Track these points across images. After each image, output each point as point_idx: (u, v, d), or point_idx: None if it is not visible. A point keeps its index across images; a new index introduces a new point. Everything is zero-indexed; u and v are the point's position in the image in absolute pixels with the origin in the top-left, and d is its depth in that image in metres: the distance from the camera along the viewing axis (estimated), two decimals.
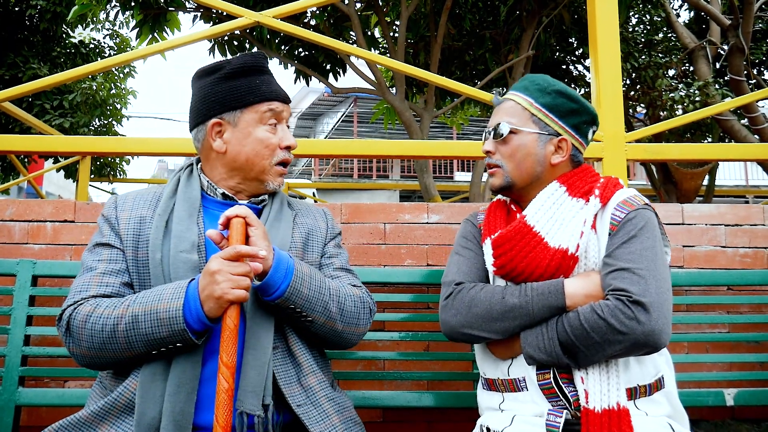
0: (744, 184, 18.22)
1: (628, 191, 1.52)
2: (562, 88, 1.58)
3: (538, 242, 1.47)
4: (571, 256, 1.45)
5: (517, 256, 1.48)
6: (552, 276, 1.46)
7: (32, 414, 2.34)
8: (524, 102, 1.58)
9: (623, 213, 1.46)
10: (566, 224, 1.48)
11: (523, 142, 1.56)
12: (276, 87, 1.59)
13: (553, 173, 1.58)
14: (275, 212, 1.61)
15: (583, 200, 1.50)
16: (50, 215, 2.48)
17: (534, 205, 1.53)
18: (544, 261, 1.46)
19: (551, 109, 1.56)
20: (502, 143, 1.58)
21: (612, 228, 1.46)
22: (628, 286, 1.34)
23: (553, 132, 1.56)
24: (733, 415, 2.58)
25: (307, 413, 1.42)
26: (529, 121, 1.56)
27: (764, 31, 7.42)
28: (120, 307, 1.36)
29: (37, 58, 7.60)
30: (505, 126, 1.57)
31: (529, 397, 1.46)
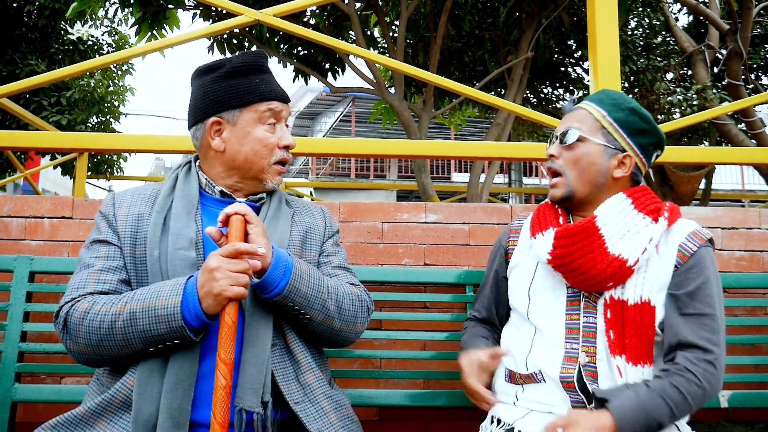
0: (740, 188, 18.26)
1: (691, 222, 1.55)
2: (636, 107, 1.59)
3: (600, 245, 1.48)
4: (628, 268, 1.45)
5: (576, 252, 1.49)
6: (605, 281, 1.47)
7: (28, 410, 2.33)
8: (597, 113, 1.59)
9: (695, 246, 1.49)
10: (630, 236, 1.48)
11: (588, 151, 1.56)
12: (276, 86, 1.59)
13: (613, 188, 1.58)
14: (274, 210, 1.61)
15: (650, 218, 1.50)
16: (48, 211, 2.48)
17: (603, 208, 1.53)
18: (601, 264, 1.46)
19: (622, 124, 1.56)
20: (567, 149, 1.59)
21: (682, 257, 1.48)
22: (709, 346, 1.40)
23: (620, 147, 1.56)
24: (728, 416, 2.59)
25: (305, 410, 1.42)
26: (598, 132, 1.57)
27: (762, 36, 7.44)
28: (118, 304, 1.36)
29: (35, 55, 7.57)
30: (574, 132, 1.58)
31: (549, 389, 1.51)
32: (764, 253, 2.63)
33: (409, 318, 2.32)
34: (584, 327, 1.51)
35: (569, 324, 1.53)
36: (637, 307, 1.45)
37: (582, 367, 1.47)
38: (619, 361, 1.43)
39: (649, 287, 1.46)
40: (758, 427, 2.53)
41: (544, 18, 6.34)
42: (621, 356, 1.43)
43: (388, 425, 2.47)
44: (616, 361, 1.43)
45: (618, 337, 1.45)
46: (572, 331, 1.52)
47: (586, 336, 1.50)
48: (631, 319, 1.44)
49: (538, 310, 1.59)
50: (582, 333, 1.51)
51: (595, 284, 1.48)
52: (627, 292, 1.47)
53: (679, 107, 5.71)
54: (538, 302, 1.59)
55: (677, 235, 1.50)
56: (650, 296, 1.45)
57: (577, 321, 1.52)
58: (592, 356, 1.48)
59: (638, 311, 1.44)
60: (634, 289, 1.46)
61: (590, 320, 1.51)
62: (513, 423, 1.51)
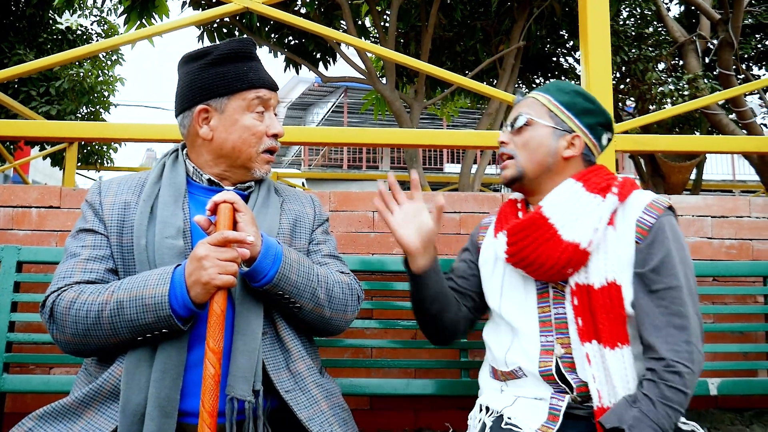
0: (731, 179, 18.35)
1: (648, 193, 1.53)
2: (580, 89, 1.63)
3: (552, 234, 1.49)
4: (582, 251, 1.45)
5: (529, 246, 1.51)
6: (563, 268, 1.47)
7: (17, 400, 2.32)
8: (543, 99, 1.63)
9: (653, 217, 1.46)
10: (582, 219, 1.48)
11: (537, 134, 1.59)
12: (264, 74, 1.57)
13: (565, 169, 1.59)
14: (262, 198, 1.60)
15: (600, 196, 1.50)
16: (35, 201, 2.46)
17: (550, 197, 1.54)
18: (555, 253, 1.46)
19: (568, 106, 1.60)
20: (517, 134, 1.62)
21: (641, 232, 1.45)
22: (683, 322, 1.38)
23: (568, 128, 1.59)
24: (717, 404, 2.61)
25: (296, 399, 1.42)
26: (545, 115, 1.60)
27: (754, 26, 7.45)
28: (105, 293, 1.35)
29: (23, 44, 7.48)
30: (523, 118, 1.61)
31: (530, 383, 1.51)
32: (754, 242, 2.65)
33: (400, 307, 2.32)
34: (556, 318, 1.51)
35: (542, 317, 1.53)
36: (604, 289, 1.44)
37: (559, 358, 1.48)
38: (590, 348, 1.42)
39: (613, 267, 1.45)
40: (747, 414, 2.55)
41: (536, 8, 6.33)
42: (592, 342, 1.42)
43: (379, 414, 2.48)
44: (585, 348, 1.43)
45: (587, 323, 1.44)
46: (545, 323, 1.53)
47: (558, 327, 1.50)
48: (600, 302, 1.43)
49: (511, 306, 1.59)
50: (554, 324, 1.51)
51: (555, 273, 1.48)
52: (591, 276, 1.46)
53: (671, 97, 5.72)
54: (510, 299, 1.60)
55: (633, 209, 1.48)
56: (615, 276, 1.44)
57: (548, 313, 1.53)
58: (567, 347, 1.48)
59: (606, 294, 1.43)
60: (597, 271, 1.46)
61: (560, 311, 1.51)
62: (501, 410, 1.51)
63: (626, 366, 1.40)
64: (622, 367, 1.40)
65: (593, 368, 1.41)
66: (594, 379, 1.41)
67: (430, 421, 2.50)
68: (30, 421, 1.37)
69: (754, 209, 2.68)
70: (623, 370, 1.40)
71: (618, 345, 1.41)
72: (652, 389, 1.34)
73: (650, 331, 1.39)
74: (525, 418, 1.45)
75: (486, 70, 6.90)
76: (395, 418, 2.49)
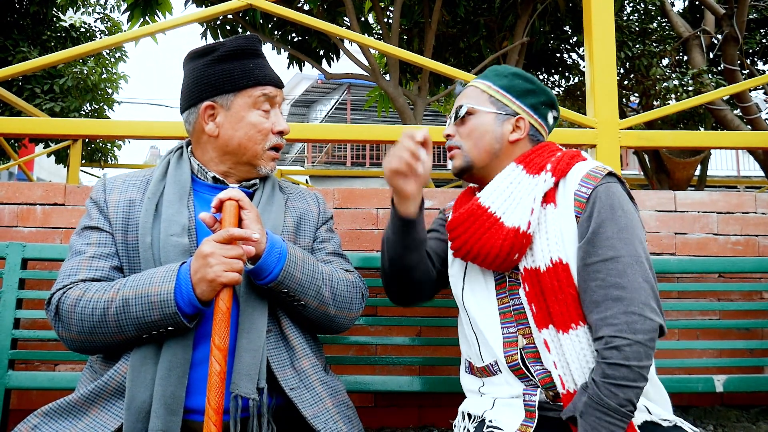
0: (736, 175, 18.29)
1: (589, 163, 1.47)
2: (518, 71, 1.62)
3: (494, 223, 1.47)
4: (523, 234, 1.42)
5: (471, 238, 1.49)
6: (508, 255, 1.43)
7: (22, 397, 2.33)
8: (483, 86, 1.62)
9: (589, 188, 1.41)
10: (521, 203, 1.46)
11: (480, 121, 1.58)
12: (270, 71, 1.58)
13: (512, 153, 1.57)
14: (267, 196, 1.60)
15: (531, 173, 1.49)
16: (40, 198, 2.46)
17: (490, 186, 1.53)
18: (498, 241, 1.44)
19: (508, 89, 1.59)
20: (461, 124, 1.62)
21: (579, 206, 1.41)
22: (621, 293, 1.31)
23: (511, 112, 1.58)
24: (723, 401, 2.60)
25: (300, 396, 1.42)
26: (487, 102, 1.59)
27: (758, 21, 7.41)
28: (110, 291, 1.35)
29: (27, 42, 7.49)
30: (464, 108, 1.60)
31: (503, 380, 1.47)
32: (760, 238, 2.63)
33: None
34: (514, 309, 1.48)
35: (501, 308, 1.50)
36: (550, 270, 1.39)
37: (522, 350, 1.44)
38: (547, 334, 1.39)
39: (556, 246, 1.41)
40: (753, 411, 2.55)
41: (540, 3, 6.30)
42: (549, 327, 1.39)
43: (383, 411, 2.47)
44: (543, 335, 1.39)
45: (541, 308, 1.40)
46: (506, 314, 1.49)
47: (518, 318, 1.47)
48: (548, 285, 1.39)
49: (473, 299, 1.56)
50: (514, 315, 1.48)
51: (501, 261, 1.45)
52: (537, 259, 1.42)
53: (675, 93, 5.69)
54: (471, 291, 1.57)
55: (572, 182, 1.44)
56: (560, 255, 1.40)
57: (507, 303, 1.50)
58: (529, 336, 1.44)
59: (553, 275, 1.39)
60: (541, 252, 1.42)
61: (517, 301, 1.48)
62: (483, 414, 1.47)
63: (583, 348, 1.35)
64: (578, 349, 1.35)
65: (552, 355, 1.38)
66: (555, 366, 1.38)
67: (434, 418, 2.50)
68: (35, 417, 1.37)
69: (760, 205, 2.66)
70: (580, 351, 1.35)
71: (572, 327, 1.36)
72: (596, 371, 1.29)
73: (590, 308, 1.34)
74: (505, 420, 1.41)
75: (490, 66, 6.87)
76: (400, 415, 2.49)
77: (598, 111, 2.82)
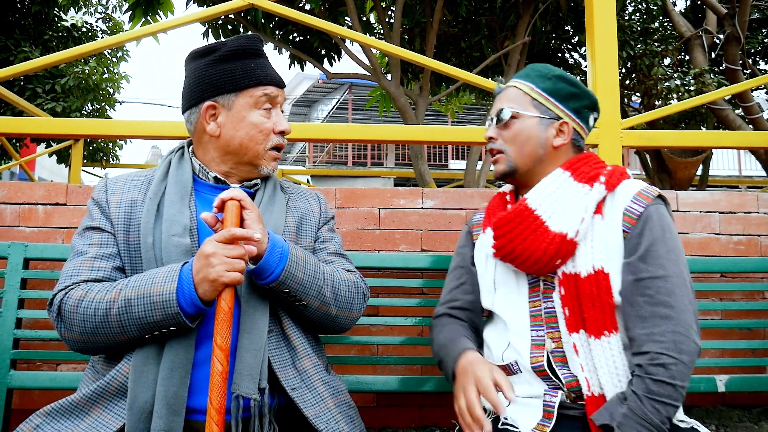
0: (737, 174, 18.27)
1: (638, 182, 1.50)
2: (562, 73, 1.59)
3: (539, 225, 1.46)
4: (570, 241, 1.43)
5: (516, 238, 1.48)
6: (551, 259, 1.44)
7: (24, 397, 2.33)
8: (525, 88, 1.58)
9: (641, 206, 1.44)
10: (569, 209, 1.46)
11: (524, 126, 1.56)
12: (271, 71, 1.57)
13: (556, 157, 1.57)
14: (269, 196, 1.60)
15: (588, 186, 1.48)
16: (42, 198, 2.46)
17: (537, 188, 1.52)
18: (543, 244, 1.44)
19: (552, 93, 1.56)
20: (504, 128, 1.59)
21: (629, 221, 1.44)
22: (669, 312, 1.33)
23: (554, 116, 1.56)
24: (725, 401, 2.60)
25: (302, 396, 1.42)
26: (530, 105, 1.57)
27: (760, 21, 7.40)
28: (112, 291, 1.35)
29: (29, 42, 7.49)
30: (507, 111, 1.57)
31: (524, 379, 1.48)
32: (762, 238, 2.63)
33: (406, 304, 2.32)
34: (546, 312, 1.49)
35: (532, 311, 1.51)
36: (591, 277, 1.41)
37: (550, 353, 1.45)
38: (577, 338, 1.40)
39: (600, 255, 1.43)
40: (755, 411, 2.54)
41: (541, 3, 6.29)
42: (579, 332, 1.40)
43: (385, 411, 2.47)
44: (573, 338, 1.41)
45: (574, 312, 1.42)
46: (536, 318, 1.50)
47: (549, 321, 1.48)
48: (586, 291, 1.41)
49: (503, 302, 1.57)
50: (545, 319, 1.49)
51: (543, 265, 1.45)
52: (578, 265, 1.44)
53: (677, 92, 5.68)
54: (502, 295, 1.58)
55: (622, 197, 1.46)
56: (603, 264, 1.42)
57: (539, 307, 1.50)
58: (558, 340, 1.45)
59: (593, 281, 1.41)
60: (584, 259, 1.43)
61: (550, 304, 1.49)
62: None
63: (613, 355, 1.37)
64: (609, 356, 1.37)
65: (581, 358, 1.39)
66: (582, 369, 1.39)
67: (436, 418, 2.50)
68: (37, 417, 1.37)
69: (762, 205, 2.66)
70: (610, 359, 1.37)
71: (605, 334, 1.38)
72: (638, 385, 1.30)
73: (635, 322, 1.36)
74: (521, 418, 1.43)
75: (491, 66, 6.87)
76: (401, 414, 2.49)
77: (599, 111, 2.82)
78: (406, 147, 16.78)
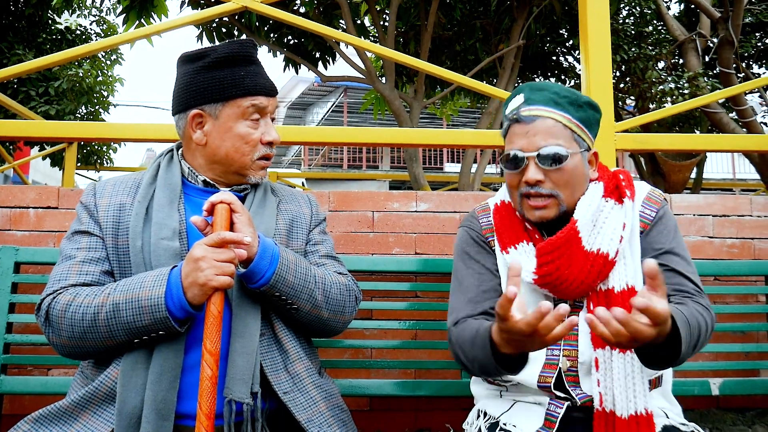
0: (731, 177, 18.34)
1: (643, 185, 1.52)
2: (589, 99, 1.49)
3: (577, 246, 1.40)
4: (611, 262, 1.40)
5: (562, 266, 1.40)
6: (594, 282, 1.39)
7: (15, 402, 2.31)
8: (563, 119, 1.43)
9: (653, 211, 1.48)
10: (604, 228, 1.42)
11: (575, 165, 1.43)
12: (261, 80, 1.53)
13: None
14: (259, 199, 1.59)
15: (613, 200, 1.45)
16: (33, 201, 2.45)
17: (582, 209, 1.43)
18: (586, 267, 1.39)
19: (585, 122, 1.46)
20: (555, 171, 1.41)
21: (643, 226, 1.46)
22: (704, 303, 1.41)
23: (586, 146, 1.47)
24: (718, 404, 2.59)
25: (294, 400, 1.41)
26: (572, 140, 1.43)
27: (754, 24, 7.44)
28: (101, 296, 1.34)
29: (22, 44, 7.46)
30: (560, 150, 1.40)
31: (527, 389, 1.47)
32: (756, 241, 2.63)
33: (399, 308, 2.31)
34: None
35: None
36: (624, 293, 1.38)
37: (564, 372, 1.42)
38: (601, 354, 1.37)
39: (632, 273, 1.41)
40: (749, 414, 2.54)
41: (536, 6, 6.31)
42: (605, 348, 1.37)
43: (378, 415, 2.46)
44: (596, 354, 1.38)
45: None
46: None
47: (567, 340, 1.43)
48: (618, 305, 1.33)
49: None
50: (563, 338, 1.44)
51: (586, 288, 1.40)
52: (612, 281, 1.41)
53: (671, 96, 5.70)
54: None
55: (636, 204, 1.48)
56: (635, 282, 1.40)
57: None
58: (574, 359, 1.42)
59: (626, 296, 1.37)
60: (618, 276, 1.40)
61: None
62: (498, 417, 1.47)
63: (633, 371, 1.35)
64: (629, 371, 1.35)
65: (600, 373, 1.37)
66: (598, 384, 1.37)
67: (430, 422, 2.49)
68: (26, 424, 1.36)
69: (756, 208, 2.66)
70: (630, 374, 1.35)
71: (631, 350, 1.34)
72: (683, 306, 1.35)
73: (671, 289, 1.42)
74: (521, 423, 1.41)
75: (486, 69, 6.88)
76: (395, 419, 2.47)
77: None
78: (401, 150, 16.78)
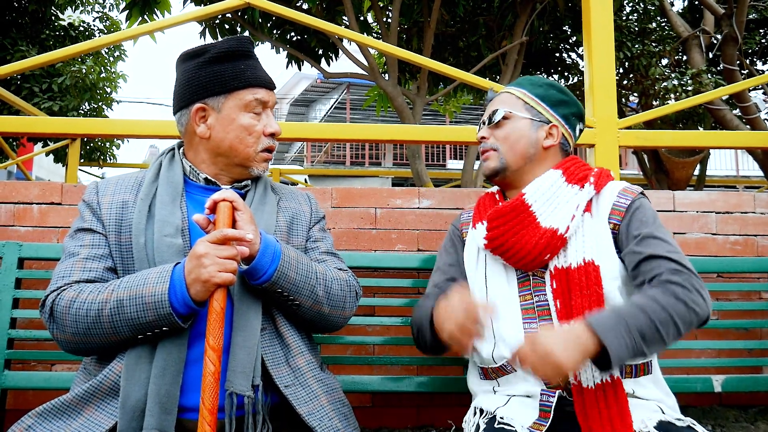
0: (735, 174, 18.29)
1: (621, 182, 1.60)
2: (553, 82, 1.69)
3: (531, 221, 1.53)
4: (560, 237, 1.50)
5: (509, 232, 1.54)
6: (540, 254, 1.50)
7: (18, 397, 2.32)
8: (518, 93, 1.68)
9: (627, 200, 1.53)
10: (561, 207, 1.53)
11: (516, 126, 1.64)
12: (261, 73, 1.57)
13: (545, 159, 1.64)
14: (259, 197, 1.61)
15: (578, 186, 1.56)
16: (37, 197, 2.45)
17: (533, 186, 1.58)
18: (533, 239, 1.50)
19: (543, 98, 1.65)
20: (496, 128, 1.67)
21: (618, 214, 1.52)
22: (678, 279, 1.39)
23: (545, 119, 1.65)
24: (721, 401, 2.59)
25: (295, 394, 1.42)
26: (522, 108, 1.65)
27: (758, 21, 7.41)
28: (104, 292, 1.35)
29: (26, 41, 7.46)
30: (500, 112, 1.66)
31: (521, 377, 1.50)
32: (759, 238, 2.63)
33: (402, 304, 2.31)
34: (537, 306, 1.52)
35: (524, 305, 1.54)
36: (581, 268, 1.47)
37: None
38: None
39: (590, 249, 1.49)
40: (752, 411, 2.54)
41: (539, 3, 6.30)
42: (570, 322, 1.37)
43: (381, 411, 2.47)
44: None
45: (565, 304, 1.46)
46: (528, 311, 1.53)
47: (541, 315, 1.51)
48: (576, 281, 1.46)
49: (494, 297, 1.58)
50: (537, 312, 1.52)
51: (532, 259, 1.51)
52: (569, 257, 1.50)
53: (674, 92, 5.69)
54: (494, 291, 1.59)
55: (608, 195, 1.55)
56: (593, 256, 1.48)
57: (530, 301, 1.54)
58: None
59: (582, 272, 1.46)
60: (575, 252, 1.50)
61: (542, 297, 1.52)
62: (494, 411, 1.50)
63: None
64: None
65: None
66: None
67: (432, 418, 2.49)
68: (29, 418, 1.36)
69: (759, 205, 2.66)
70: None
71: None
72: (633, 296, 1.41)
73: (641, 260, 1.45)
74: (517, 417, 1.45)
75: (489, 65, 6.87)
76: (397, 415, 2.48)
77: (597, 110, 2.82)
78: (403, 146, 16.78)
